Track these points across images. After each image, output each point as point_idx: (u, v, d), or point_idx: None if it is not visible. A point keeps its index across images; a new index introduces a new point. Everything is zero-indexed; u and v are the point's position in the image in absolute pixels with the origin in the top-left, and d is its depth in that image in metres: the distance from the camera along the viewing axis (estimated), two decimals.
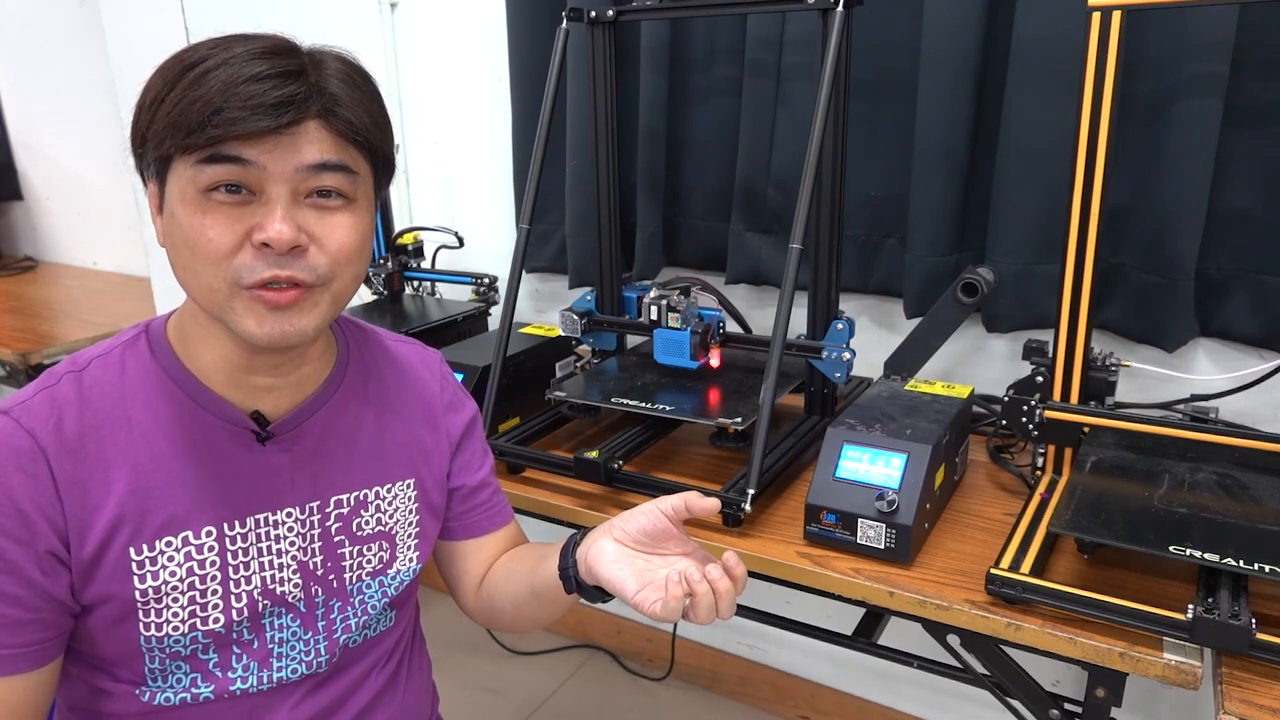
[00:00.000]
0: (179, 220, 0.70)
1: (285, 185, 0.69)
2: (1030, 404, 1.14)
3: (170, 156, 0.69)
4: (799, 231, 1.10)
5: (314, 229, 0.71)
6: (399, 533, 0.91)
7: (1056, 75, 1.26)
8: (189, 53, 0.69)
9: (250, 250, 0.69)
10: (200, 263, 0.70)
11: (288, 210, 0.69)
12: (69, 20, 2.55)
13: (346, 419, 0.87)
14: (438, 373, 0.97)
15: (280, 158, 0.68)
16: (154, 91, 0.69)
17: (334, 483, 0.86)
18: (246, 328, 0.71)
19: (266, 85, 0.66)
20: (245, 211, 0.69)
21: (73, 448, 0.73)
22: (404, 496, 0.91)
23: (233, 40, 0.70)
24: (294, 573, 0.83)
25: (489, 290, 1.81)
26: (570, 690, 2.06)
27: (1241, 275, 1.26)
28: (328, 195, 0.72)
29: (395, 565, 0.91)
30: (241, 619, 0.81)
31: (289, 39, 0.72)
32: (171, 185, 0.70)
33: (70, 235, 2.86)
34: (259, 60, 0.67)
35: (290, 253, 0.70)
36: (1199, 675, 0.85)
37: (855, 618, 1.23)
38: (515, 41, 1.75)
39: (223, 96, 0.66)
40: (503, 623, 0.99)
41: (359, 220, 0.74)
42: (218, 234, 0.69)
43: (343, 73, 0.72)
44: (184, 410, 0.77)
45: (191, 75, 0.67)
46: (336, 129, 0.70)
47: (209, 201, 0.69)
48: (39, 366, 1.99)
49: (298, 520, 0.83)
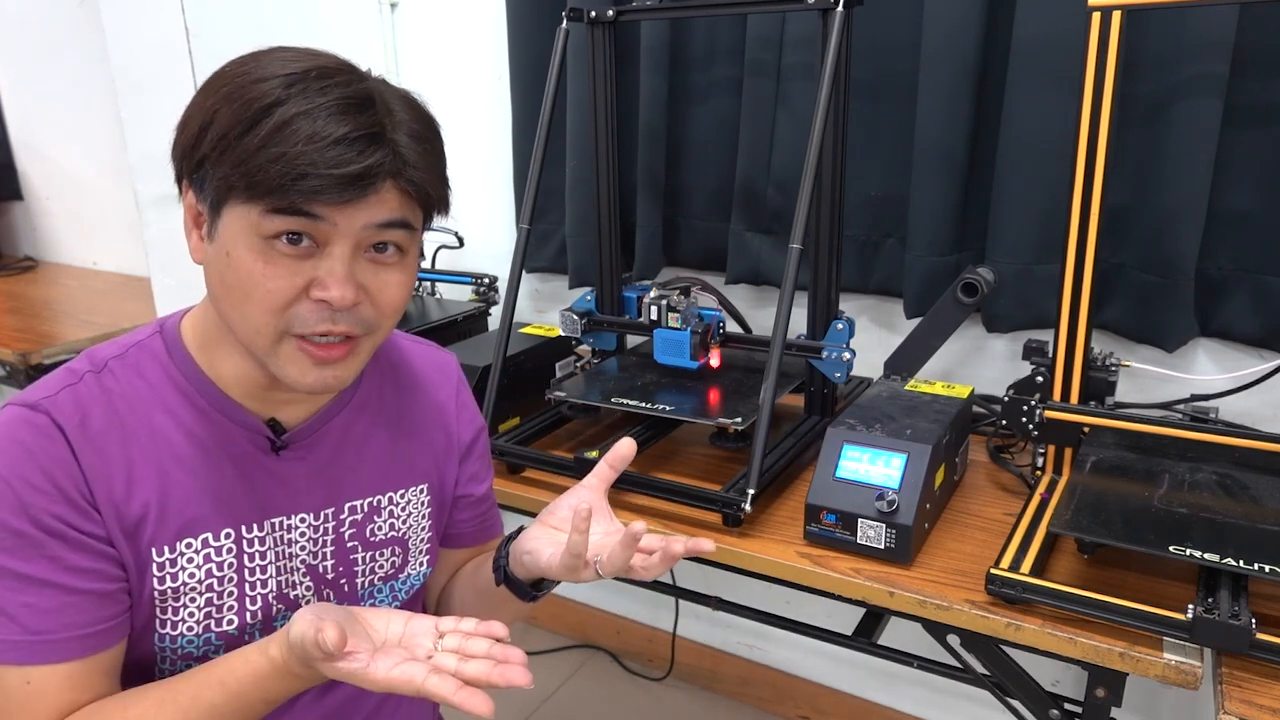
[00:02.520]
0: (235, 261, 0.69)
1: (350, 242, 0.69)
2: (1030, 404, 1.14)
3: (229, 196, 0.68)
4: (799, 231, 1.10)
5: (369, 284, 0.71)
6: (412, 538, 0.90)
7: (1056, 75, 1.26)
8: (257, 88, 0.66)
9: (307, 303, 0.69)
10: (254, 308, 0.69)
11: (349, 269, 0.69)
12: (69, 20, 2.55)
13: (361, 425, 0.86)
14: (454, 377, 0.96)
15: (351, 215, 0.68)
16: (221, 125, 0.66)
17: (348, 489, 0.85)
18: (289, 374, 0.72)
19: (351, 153, 0.65)
20: (307, 265, 0.69)
21: (98, 445, 0.73)
22: (417, 501, 0.91)
23: (310, 80, 0.67)
24: (304, 576, 0.83)
25: (489, 290, 1.81)
26: (570, 690, 2.06)
27: (1241, 275, 1.26)
28: (383, 250, 0.72)
29: (407, 570, 0.91)
30: (255, 622, 0.80)
31: (362, 82, 0.69)
32: (229, 220, 0.68)
33: (70, 235, 2.86)
34: (340, 118, 0.65)
35: (346, 309, 0.70)
36: (1199, 675, 0.85)
37: (855, 618, 1.23)
38: (515, 41, 1.75)
39: (307, 160, 0.64)
40: None
41: (409, 277, 0.75)
42: (277, 285, 0.68)
43: (414, 130, 0.71)
44: (202, 415, 0.77)
45: (269, 124, 0.65)
46: (407, 191, 0.70)
47: (271, 250, 0.68)
48: (39, 366, 1.99)
49: (310, 526, 0.83)
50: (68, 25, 2.55)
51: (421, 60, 1.95)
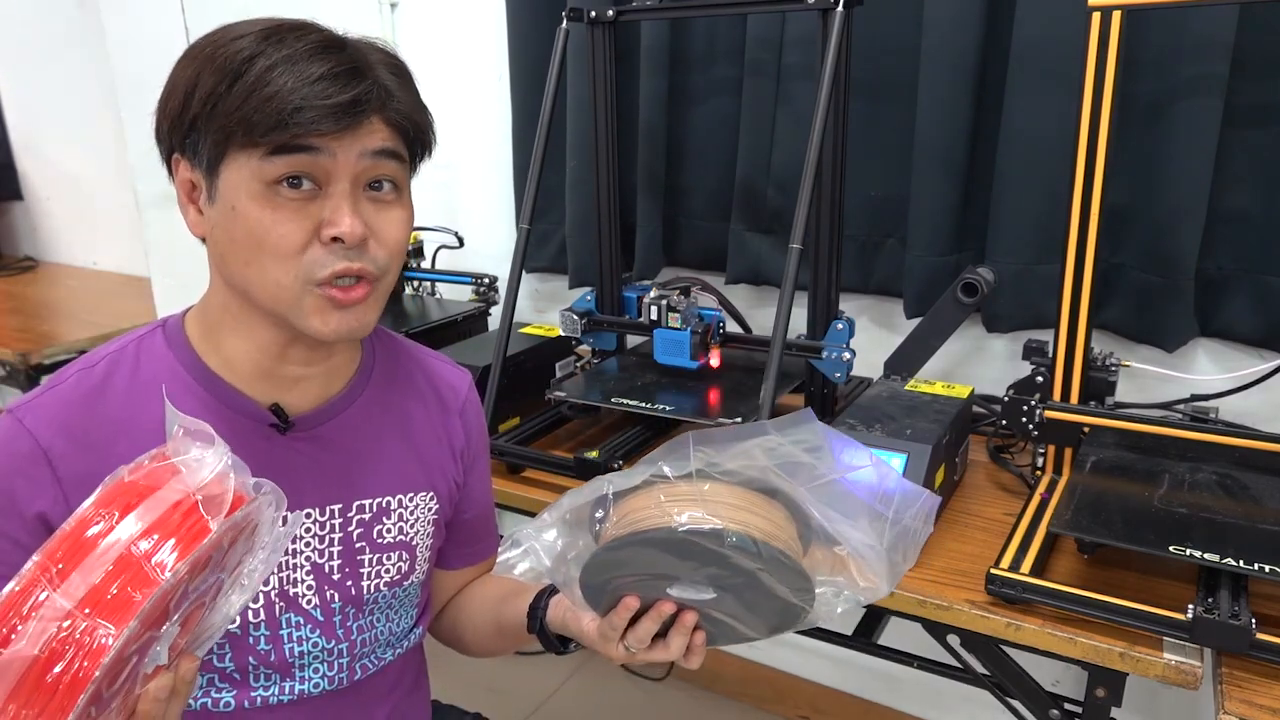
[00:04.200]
0: (242, 214, 0.70)
1: (349, 176, 0.70)
2: (1030, 404, 1.14)
3: (226, 147, 0.69)
4: (799, 231, 1.10)
5: (373, 222, 0.73)
6: (419, 544, 0.90)
7: (1056, 75, 1.26)
8: (235, 43, 0.69)
9: (319, 246, 0.70)
10: (269, 258, 0.70)
11: (354, 204, 0.71)
12: (69, 20, 2.55)
13: (373, 423, 0.86)
14: (464, 395, 0.95)
15: (347, 145, 0.70)
16: (206, 85, 0.68)
17: (357, 486, 0.85)
18: (313, 325, 0.72)
19: (338, 85, 0.68)
20: (312, 207, 0.70)
21: (81, 445, 0.73)
22: (424, 508, 0.90)
23: (283, 31, 0.70)
24: (308, 574, 0.82)
25: (489, 290, 1.81)
26: (570, 690, 2.06)
27: (1241, 275, 1.26)
28: (380, 187, 0.74)
29: (413, 577, 0.90)
30: (258, 619, 0.80)
31: (331, 32, 0.73)
32: (229, 175, 0.70)
33: (70, 235, 2.86)
34: (320, 58, 0.68)
35: (357, 246, 0.71)
36: (1199, 675, 0.85)
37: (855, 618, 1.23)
38: (515, 41, 1.75)
39: (299, 95, 0.66)
40: (460, 645, 1.01)
41: (407, 214, 0.77)
42: (288, 230, 0.69)
43: (389, 65, 0.74)
44: (201, 404, 0.77)
45: (255, 72, 0.67)
46: (394, 122, 0.73)
47: (276, 197, 0.69)
48: (39, 366, 1.99)
49: (316, 522, 0.82)
50: (68, 25, 2.55)
51: (421, 60, 1.93)
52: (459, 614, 1.00)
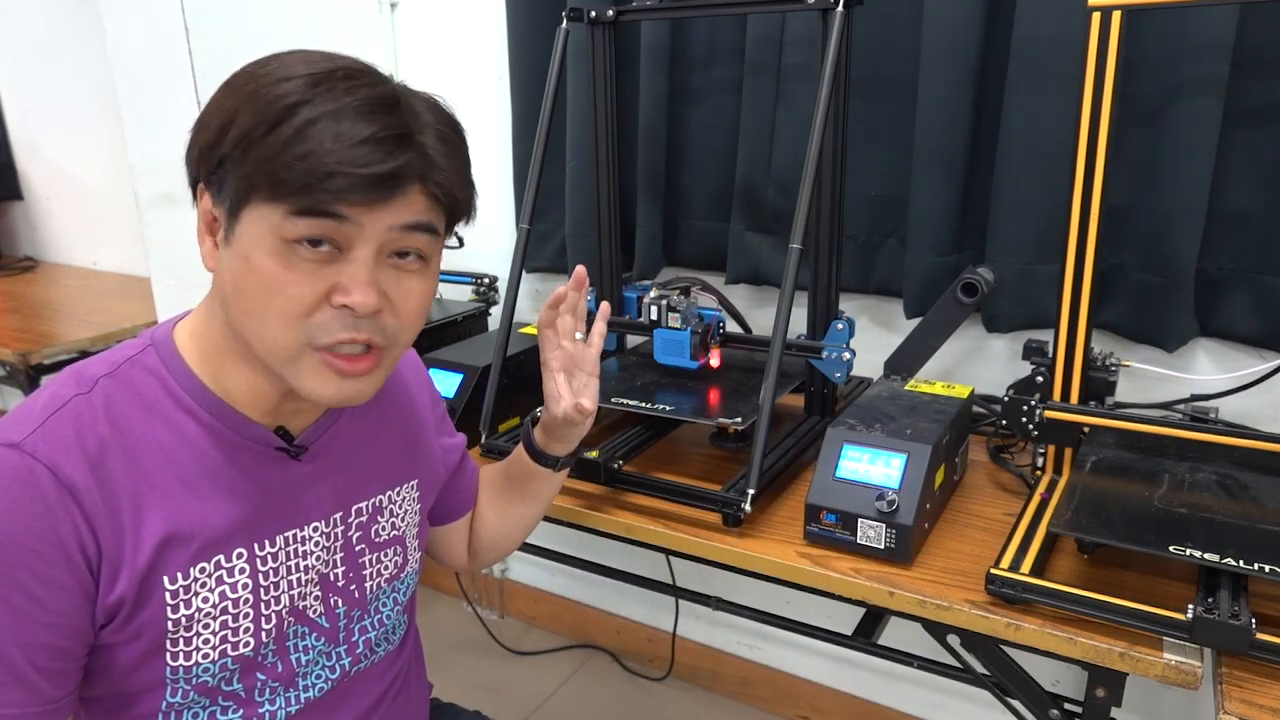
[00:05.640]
0: (255, 267, 0.66)
1: (373, 246, 0.67)
2: (1030, 404, 1.14)
3: (250, 197, 0.65)
4: (799, 231, 1.09)
5: (391, 291, 0.70)
6: (407, 534, 0.91)
7: (1056, 75, 1.26)
8: (279, 87, 0.64)
9: (329, 310, 0.67)
10: (273, 316, 0.67)
11: (372, 274, 0.67)
12: (69, 20, 2.55)
13: (360, 426, 0.86)
14: (416, 367, 0.99)
15: (377, 217, 0.66)
16: (243, 124, 0.64)
17: (354, 491, 0.85)
18: (310, 388, 0.70)
19: (378, 153, 0.64)
20: (329, 270, 0.67)
21: (99, 477, 0.68)
22: (410, 498, 0.91)
23: (334, 81, 0.65)
24: (315, 585, 0.82)
25: (489, 290, 1.81)
26: (570, 690, 2.06)
27: (1241, 275, 1.26)
28: (406, 256, 0.70)
29: (406, 569, 0.91)
30: (269, 639, 0.79)
31: (386, 84, 0.67)
32: (248, 224, 0.66)
33: (70, 235, 2.87)
34: (366, 118, 0.64)
35: (368, 315, 0.68)
36: (1199, 675, 0.85)
37: (855, 618, 1.23)
38: (515, 41, 1.75)
39: (333, 158, 0.62)
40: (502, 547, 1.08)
41: (430, 286, 0.74)
42: (298, 291, 0.66)
43: (441, 133, 0.69)
44: (207, 430, 0.74)
45: (295, 123, 0.63)
46: (433, 195, 0.69)
47: (293, 255, 0.66)
48: (39, 367, 1.99)
49: (323, 534, 0.82)
50: (68, 25, 2.55)
51: (421, 60, 1.95)
52: (479, 527, 1.07)
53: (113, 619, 0.71)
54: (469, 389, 1.36)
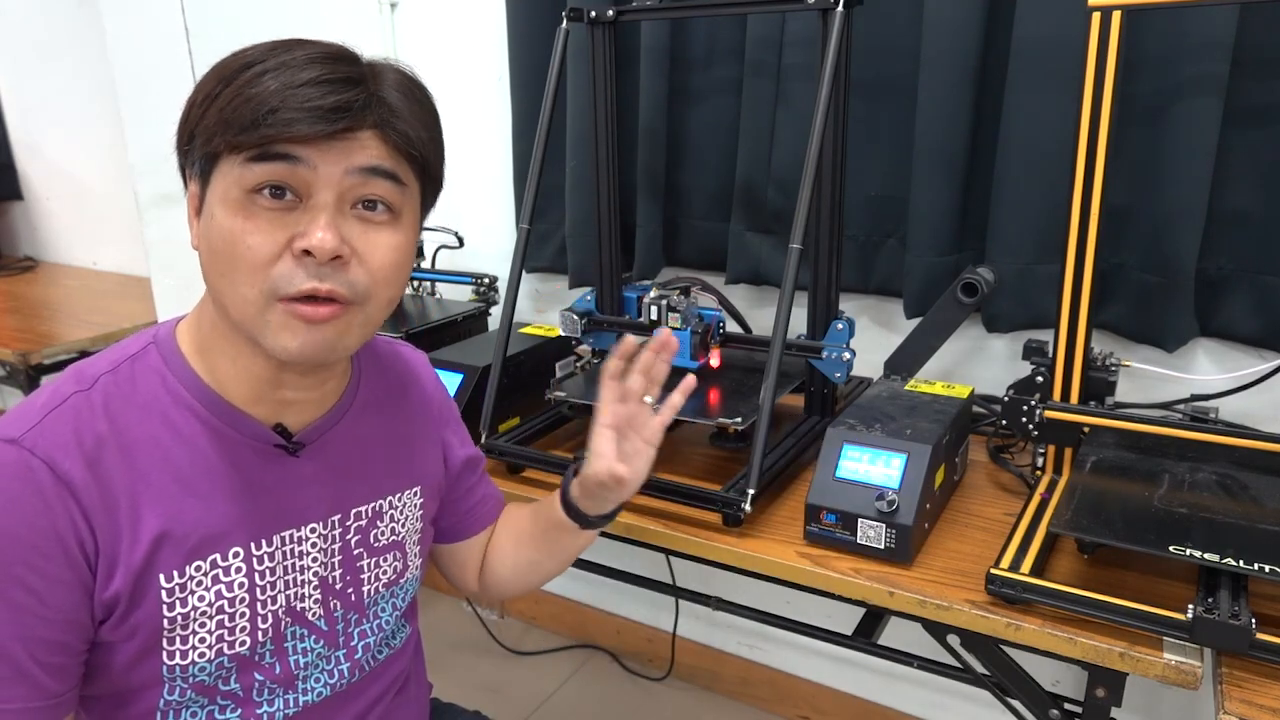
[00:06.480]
0: (218, 222, 0.67)
1: (332, 190, 0.67)
2: (1030, 404, 1.14)
3: (217, 155, 0.67)
4: (799, 231, 1.09)
5: (357, 242, 0.69)
6: (408, 540, 0.90)
7: (1056, 75, 1.26)
8: (246, 53, 0.68)
9: (290, 259, 0.67)
10: (238, 269, 0.67)
11: (332, 218, 0.67)
12: (69, 20, 2.55)
13: (365, 428, 0.86)
14: (427, 371, 0.98)
15: (332, 159, 0.66)
16: (207, 89, 0.67)
17: (354, 495, 0.85)
18: (280, 342, 0.69)
19: (324, 89, 0.65)
20: (289, 218, 0.67)
21: (96, 474, 0.68)
22: (412, 505, 0.91)
23: (292, 44, 0.68)
24: (314, 588, 0.82)
25: (489, 290, 1.80)
26: (570, 690, 2.06)
27: (1241, 275, 1.26)
28: (373, 207, 0.70)
29: (406, 575, 0.91)
30: (265, 639, 0.79)
31: (350, 48, 0.70)
32: (215, 185, 0.67)
33: (70, 235, 2.86)
34: (317, 64, 0.66)
35: (331, 264, 0.67)
36: (1199, 675, 0.85)
37: (855, 618, 1.23)
38: (515, 41, 1.75)
39: (278, 96, 0.64)
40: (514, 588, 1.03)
41: (402, 240, 0.72)
42: (259, 240, 0.66)
43: (401, 85, 0.70)
44: (206, 427, 0.74)
45: (248, 74, 0.65)
46: (391, 141, 0.69)
47: (253, 205, 0.66)
48: (39, 367, 1.99)
49: (321, 536, 0.82)
50: (68, 25, 2.55)
51: (421, 60, 1.93)
52: (494, 559, 1.02)
53: (109, 615, 0.71)
54: (469, 389, 1.36)
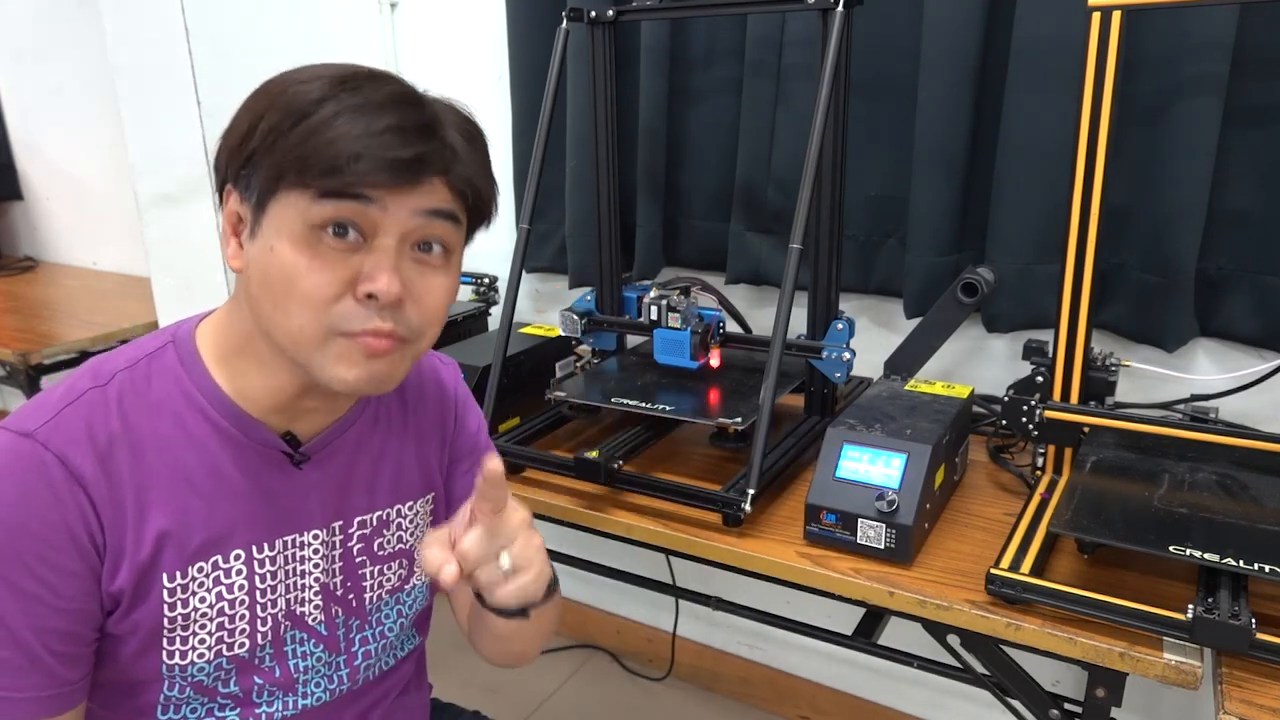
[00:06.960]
0: (279, 255, 0.67)
1: (397, 232, 0.68)
2: (1030, 404, 1.14)
3: (277, 187, 0.67)
4: (799, 231, 1.09)
5: (414, 285, 0.70)
6: (416, 549, 0.90)
7: (1056, 75, 1.26)
8: (308, 84, 0.67)
9: (352, 300, 0.68)
10: (296, 304, 0.68)
11: (395, 262, 0.68)
12: (69, 20, 2.55)
13: (375, 437, 0.86)
14: (454, 382, 0.96)
15: (401, 201, 0.67)
16: (273, 120, 0.66)
17: (359, 503, 0.84)
18: (337, 373, 0.70)
19: (404, 139, 0.66)
20: (353, 259, 0.68)
21: (106, 470, 0.70)
22: (423, 514, 0.90)
23: (360, 78, 0.68)
24: (315, 594, 0.82)
25: (489, 290, 1.81)
26: (570, 690, 2.06)
27: (1241, 275, 1.26)
28: (428, 250, 0.71)
29: (410, 582, 0.90)
30: (265, 643, 0.79)
31: (408, 85, 0.70)
32: (274, 214, 0.68)
33: (70, 235, 2.86)
34: (390, 111, 0.66)
35: (391, 306, 0.69)
36: (1199, 675, 0.86)
37: (855, 618, 1.23)
38: (515, 41, 1.75)
39: (360, 144, 0.64)
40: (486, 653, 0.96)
41: (451, 283, 0.74)
42: (322, 279, 0.67)
43: (461, 127, 0.71)
44: (217, 431, 0.75)
45: (322, 114, 0.65)
46: (454, 184, 0.70)
47: (318, 243, 0.67)
48: (39, 367, 1.99)
49: (323, 542, 0.82)
50: (68, 25, 2.55)
51: (421, 60, 1.95)
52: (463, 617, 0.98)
53: (115, 608, 0.72)
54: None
